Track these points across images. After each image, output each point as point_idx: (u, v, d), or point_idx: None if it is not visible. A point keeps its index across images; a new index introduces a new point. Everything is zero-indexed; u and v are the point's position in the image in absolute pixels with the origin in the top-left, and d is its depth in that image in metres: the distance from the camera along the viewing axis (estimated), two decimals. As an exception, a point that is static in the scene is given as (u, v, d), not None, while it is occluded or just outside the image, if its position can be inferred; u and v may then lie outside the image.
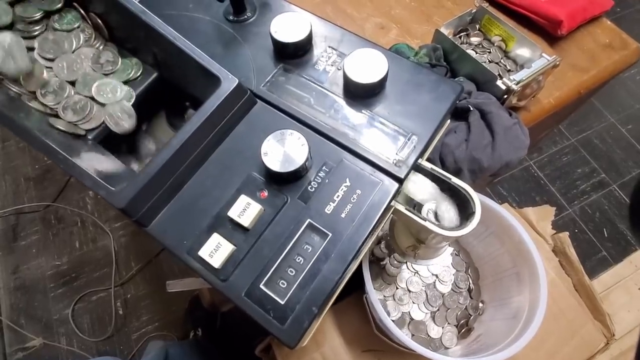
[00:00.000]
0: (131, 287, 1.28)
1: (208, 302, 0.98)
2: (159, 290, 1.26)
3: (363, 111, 0.31)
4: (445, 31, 0.58)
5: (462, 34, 0.62)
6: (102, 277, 1.28)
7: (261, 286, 0.25)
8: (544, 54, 0.54)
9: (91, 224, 1.37)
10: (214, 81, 0.29)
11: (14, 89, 0.30)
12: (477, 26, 0.61)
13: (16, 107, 0.28)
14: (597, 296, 0.62)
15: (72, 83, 0.31)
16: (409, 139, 0.29)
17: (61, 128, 0.28)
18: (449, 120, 0.35)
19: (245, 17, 0.35)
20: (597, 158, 1.47)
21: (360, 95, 0.31)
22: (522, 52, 0.57)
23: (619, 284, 1.28)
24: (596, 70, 0.62)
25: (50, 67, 0.31)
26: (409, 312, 0.56)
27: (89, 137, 0.30)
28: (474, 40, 0.61)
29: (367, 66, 0.30)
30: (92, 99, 0.31)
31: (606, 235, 1.34)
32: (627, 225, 1.36)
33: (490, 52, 0.59)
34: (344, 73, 0.30)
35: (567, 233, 0.66)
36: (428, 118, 0.30)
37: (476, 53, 0.59)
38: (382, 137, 0.30)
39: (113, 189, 0.25)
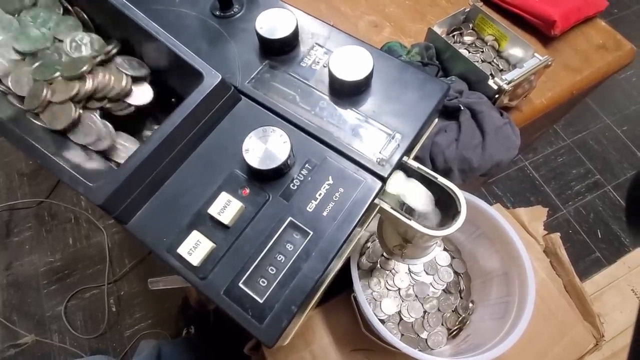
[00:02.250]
0: (124, 284, 1.28)
1: (195, 299, 0.97)
2: (152, 288, 1.26)
3: (348, 109, 0.31)
4: (438, 30, 0.58)
5: (455, 32, 0.61)
6: (95, 274, 1.28)
7: (240, 284, 0.25)
8: (536, 54, 0.53)
9: (85, 221, 1.36)
10: (197, 77, 0.29)
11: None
12: (471, 25, 0.61)
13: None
14: (587, 297, 0.62)
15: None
16: (393, 138, 0.29)
17: (40, 123, 0.28)
18: (437, 119, 0.35)
19: (232, 12, 0.35)
20: (592, 159, 1.48)
21: (346, 93, 0.31)
22: (515, 51, 0.57)
23: (611, 285, 1.29)
24: (589, 71, 0.62)
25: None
26: (399, 311, 0.56)
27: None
28: (467, 39, 0.60)
29: (353, 64, 0.30)
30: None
31: (600, 236, 1.35)
32: (620, 226, 1.37)
33: (483, 52, 0.59)
34: (329, 70, 0.30)
35: (559, 234, 0.66)
36: (413, 117, 0.30)
37: (469, 52, 0.59)
38: (367, 135, 0.29)
39: (91, 185, 0.25)
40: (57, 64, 0.29)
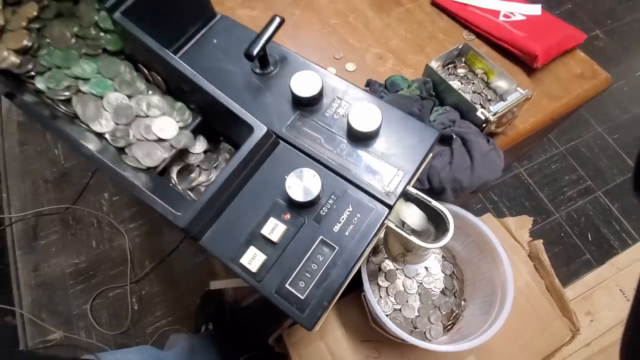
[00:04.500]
0: (145, 284, 1.35)
1: (231, 297, 1.06)
2: (171, 288, 1.35)
3: (362, 151, 0.40)
4: (435, 64, 0.67)
5: (450, 65, 0.70)
6: (118, 274, 1.36)
7: (287, 286, 0.34)
8: (518, 88, 0.62)
9: (107, 225, 1.45)
10: (248, 128, 0.38)
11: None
12: (463, 59, 0.70)
13: (104, 149, 0.37)
14: (565, 296, 0.71)
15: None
16: (397, 174, 0.38)
17: (131, 164, 0.37)
18: (431, 154, 0.44)
19: (269, 70, 0.44)
20: (584, 166, 1.55)
21: (361, 138, 0.40)
22: (501, 84, 0.66)
23: (601, 285, 1.36)
24: (568, 99, 0.71)
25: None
26: (401, 308, 0.65)
27: (152, 170, 0.39)
28: (460, 71, 0.69)
29: (366, 117, 0.39)
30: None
31: (590, 239, 1.42)
32: (610, 229, 1.44)
33: (474, 83, 0.68)
34: (348, 122, 0.39)
35: (541, 240, 0.75)
36: (412, 158, 0.39)
37: (461, 84, 0.68)
38: (377, 172, 0.39)
39: (178, 213, 0.34)
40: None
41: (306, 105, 0.42)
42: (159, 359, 0.73)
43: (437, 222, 0.44)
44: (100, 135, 0.39)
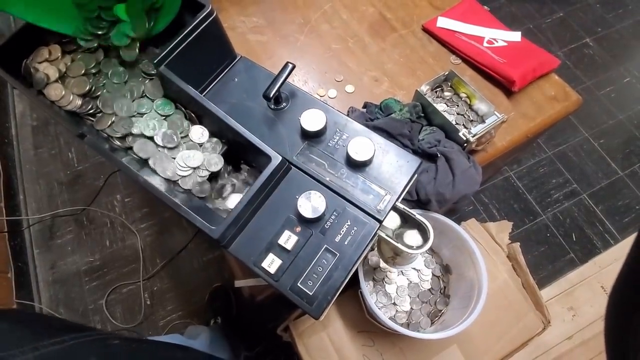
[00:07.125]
0: (157, 280, 1.44)
1: (247, 293, 1.16)
2: (181, 284, 1.44)
3: (359, 175, 0.49)
4: (424, 88, 0.76)
5: (438, 89, 0.79)
6: (130, 272, 1.44)
7: (299, 284, 0.43)
8: (495, 112, 0.71)
9: (119, 225, 1.53)
10: (266, 157, 0.47)
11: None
12: (449, 84, 0.79)
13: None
14: (538, 293, 0.80)
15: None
16: (386, 195, 0.47)
17: (180, 191, 0.46)
18: (416, 176, 0.53)
19: (282, 106, 0.53)
20: (571, 170, 1.62)
21: (357, 165, 0.49)
22: (482, 107, 0.74)
23: (583, 282, 1.46)
24: (541, 119, 0.80)
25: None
26: (393, 303, 0.74)
27: (190, 191, 0.48)
28: (447, 94, 0.78)
29: (362, 148, 0.48)
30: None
31: (574, 239, 1.50)
32: (593, 230, 1.53)
33: (458, 106, 0.77)
34: (347, 152, 0.48)
35: (519, 243, 0.84)
36: (399, 182, 0.48)
37: (447, 106, 0.77)
38: (370, 193, 0.48)
39: (213, 227, 0.43)
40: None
41: (313, 137, 0.51)
42: (190, 344, 0.83)
43: (421, 231, 0.53)
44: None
